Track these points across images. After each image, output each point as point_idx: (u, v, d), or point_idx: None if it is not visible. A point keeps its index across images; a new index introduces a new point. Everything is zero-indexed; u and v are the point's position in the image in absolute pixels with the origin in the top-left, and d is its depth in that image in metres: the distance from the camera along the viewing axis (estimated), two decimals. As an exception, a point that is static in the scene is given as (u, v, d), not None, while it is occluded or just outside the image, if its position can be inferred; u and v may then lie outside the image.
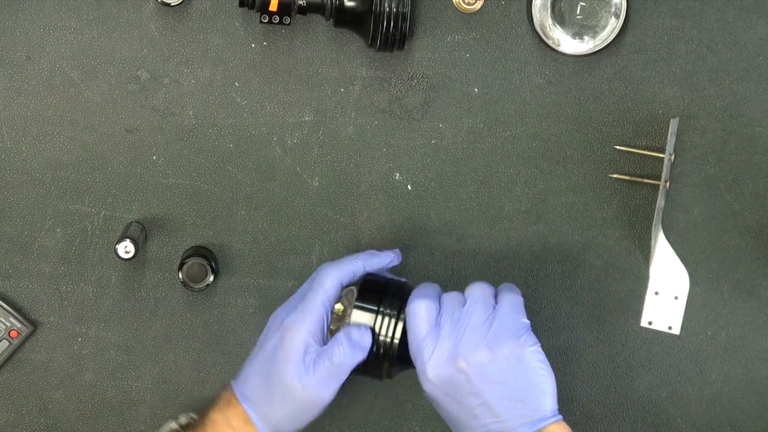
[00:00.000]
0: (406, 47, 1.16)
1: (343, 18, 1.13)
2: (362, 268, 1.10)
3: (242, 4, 1.12)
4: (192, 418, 1.16)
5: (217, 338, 1.22)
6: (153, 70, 1.18)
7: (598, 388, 1.23)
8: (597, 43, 1.17)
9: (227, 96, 1.18)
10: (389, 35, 1.12)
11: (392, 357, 1.08)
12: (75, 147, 1.19)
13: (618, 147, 1.20)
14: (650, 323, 1.21)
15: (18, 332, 1.20)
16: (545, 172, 1.20)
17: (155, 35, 1.17)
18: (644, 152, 1.19)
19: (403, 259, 1.19)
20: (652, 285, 1.21)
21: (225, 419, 1.09)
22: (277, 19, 1.12)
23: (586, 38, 1.17)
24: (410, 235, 1.21)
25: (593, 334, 1.22)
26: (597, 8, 1.17)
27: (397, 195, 1.20)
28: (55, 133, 1.18)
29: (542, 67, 1.19)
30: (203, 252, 1.19)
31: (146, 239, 1.20)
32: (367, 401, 1.23)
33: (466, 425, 1.06)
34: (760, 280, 1.21)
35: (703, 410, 1.23)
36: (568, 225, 1.21)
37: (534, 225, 1.21)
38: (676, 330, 1.21)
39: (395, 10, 1.11)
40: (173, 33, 1.17)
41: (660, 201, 1.18)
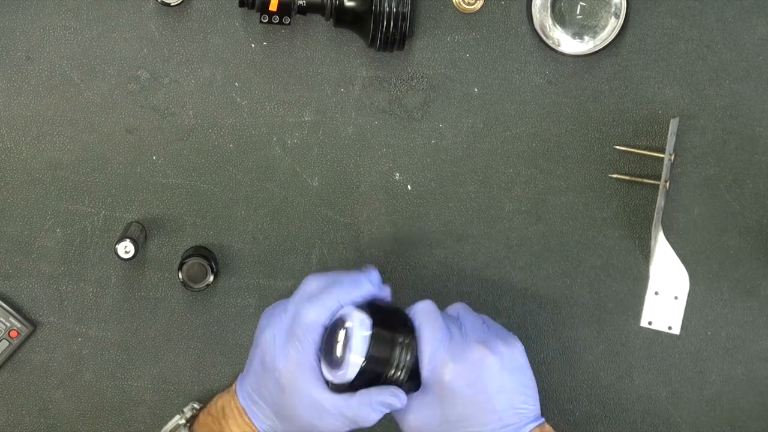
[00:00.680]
0: (406, 47, 1.16)
1: (343, 18, 1.13)
2: (339, 306, 1.06)
3: (242, 4, 1.12)
4: (195, 409, 1.18)
5: (217, 338, 1.22)
6: (153, 70, 1.18)
7: (598, 388, 1.23)
8: (597, 43, 1.17)
9: (227, 96, 1.18)
10: (389, 35, 1.12)
11: (401, 385, 1.07)
12: (75, 147, 1.19)
13: (618, 147, 1.20)
14: (650, 323, 1.21)
15: (18, 332, 1.20)
16: (545, 172, 1.20)
17: (155, 35, 1.17)
18: (644, 152, 1.19)
19: (404, 259, 1.19)
20: (652, 285, 1.21)
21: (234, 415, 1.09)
22: (277, 19, 1.12)
23: (586, 38, 1.17)
24: (410, 235, 1.21)
25: (593, 334, 1.22)
26: (597, 8, 1.17)
27: (397, 195, 1.20)
28: (55, 133, 1.18)
29: (542, 67, 1.19)
30: (203, 252, 1.19)
31: (146, 239, 1.20)
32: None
33: (480, 422, 1.06)
34: (760, 280, 1.21)
35: (703, 410, 1.23)
36: (568, 225, 1.21)
37: (534, 225, 1.21)
38: (676, 330, 1.21)
39: (395, 10, 1.11)
40: (173, 33, 1.17)
41: (660, 201, 1.18)
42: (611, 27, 1.17)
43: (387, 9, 1.11)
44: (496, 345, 1.05)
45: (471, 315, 1.09)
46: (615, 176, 1.20)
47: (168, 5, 1.16)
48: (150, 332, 1.22)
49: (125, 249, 1.14)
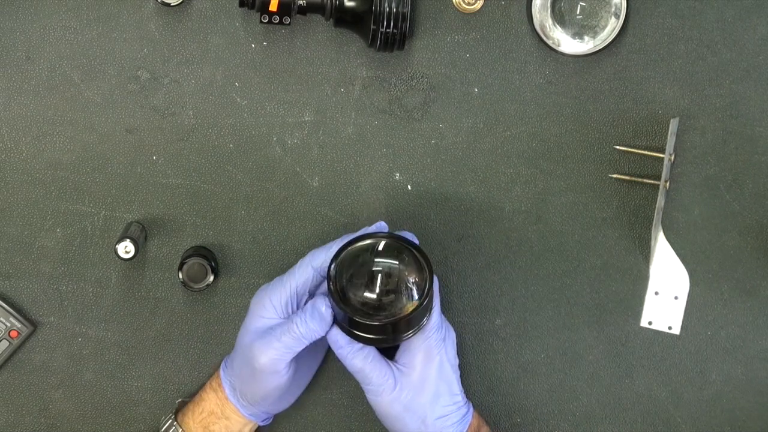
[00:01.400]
0: (406, 47, 1.16)
1: (343, 18, 1.13)
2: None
3: (242, 4, 1.12)
4: (183, 403, 1.20)
5: (217, 338, 1.22)
6: (153, 70, 1.18)
7: (598, 388, 1.23)
8: (597, 43, 1.17)
9: (227, 96, 1.18)
10: (389, 35, 1.12)
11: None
12: (75, 147, 1.19)
13: (618, 147, 1.20)
14: (650, 323, 1.21)
15: (18, 332, 1.20)
16: (545, 172, 1.20)
17: (155, 35, 1.17)
18: (644, 152, 1.19)
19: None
20: (652, 285, 1.21)
21: (209, 381, 1.16)
22: (277, 19, 1.12)
23: (586, 38, 1.17)
24: (410, 235, 1.21)
25: (593, 334, 1.22)
26: (597, 8, 1.17)
27: (397, 195, 1.20)
28: (55, 133, 1.18)
29: (542, 67, 1.19)
30: (203, 252, 1.19)
31: (146, 239, 1.20)
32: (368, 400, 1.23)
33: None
34: (760, 280, 1.21)
35: (703, 410, 1.23)
36: (568, 225, 1.21)
37: (534, 225, 1.21)
38: (676, 330, 1.21)
39: (395, 10, 1.11)
40: (173, 33, 1.17)
41: (660, 201, 1.19)
42: (611, 27, 1.17)
43: (387, 9, 1.11)
44: (435, 351, 1.10)
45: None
46: (615, 176, 1.20)
47: (168, 5, 1.16)
48: (150, 332, 1.22)
49: (125, 249, 1.14)
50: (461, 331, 1.19)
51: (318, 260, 1.09)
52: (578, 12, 1.17)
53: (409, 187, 1.20)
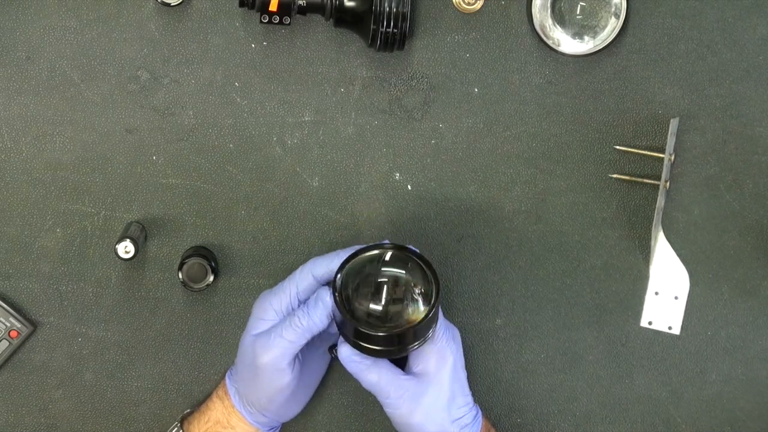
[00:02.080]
0: (406, 47, 1.16)
1: (343, 18, 1.13)
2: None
3: (242, 4, 1.12)
4: (189, 413, 1.19)
5: (217, 338, 1.22)
6: (153, 70, 1.18)
7: (598, 388, 1.23)
8: (597, 43, 1.17)
9: (227, 96, 1.18)
10: (389, 35, 1.12)
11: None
12: (75, 147, 1.19)
13: (618, 147, 1.20)
14: (650, 323, 1.21)
15: (18, 332, 1.20)
16: (545, 172, 1.20)
17: (155, 35, 1.17)
18: (644, 152, 1.19)
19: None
20: (652, 285, 1.21)
21: (215, 390, 1.15)
22: (277, 19, 1.12)
23: (586, 38, 1.17)
24: (410, 236, 1.21)
25: (593, 334, 1.22)
26: (597, 8, 1.17)
27: (397, 195, 1.20)
28: (55, 133, 1.18)
29: (542, 67, 1.19)
30: (203, 252, 1.19)
31: (146, 239, 1.20)
32: (368, 400, 1.23)
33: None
34: (760, 280, 1.21)
35: (703, 410, 1.23)
36: (568, 225, 1.21)
37: (534, 225, 1.21)
38: (676, 330, 1.21)
39: (395, 10, 1.11)
40: (173, 33, 1.17)
41: (660, 201, 1.19)
42: (611, 27, 1.17)
43: (387, 9, 1.11)
44: (447, 356, 1.09)
45: None
46: (615, 176, 1.20)
47: (168, 5, 1.16)
48: (150, 332, 1.22)
49: (125, 249, 1.14)
50: (461, 331, 1.18)
51: (319, 269, 1.08)
52: (578, 12, 1.17)
53: (409, 187, 1.20)
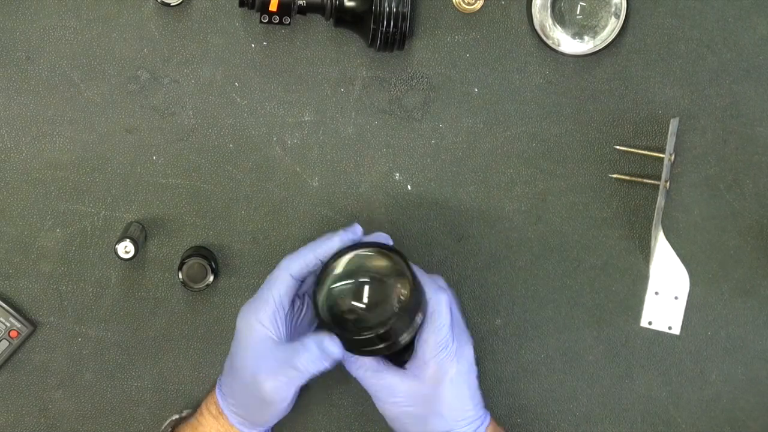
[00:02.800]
0: (406, 47, 1.16)
1: (343, 18, 1.13)
2: (315, 259, 1.08)
3: (242, 4, 1.12)
4: (190, 414, 1.18)
5: (217, 338, 1.22)
6: (153, 70, 1.18)
7: (598, 388, 1.23)
8: (597, 43, 1.17)
9: (227, 96, 1.18)
10: (389, 35, 1.12)
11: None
12: (75, 147, 1.19)
13: (618, 147, 1.20)
14: (650, 323, 1.21)
15: (18, 332, 1.20)
16: (545, 172, 1.20)
17: (155, 35, 1.17)
18: (644, 152, 1.19)
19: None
20: (652, 285, 1.21)
21: (206, 406, 1.13)
22: (277, 19, 1.12)
23: (586, 38, 1.17)
24: (410, 235, 1.21)
25: (593, 334, 1.22)
26: (597, 8, 1.17)
27: (397, 195, 1.20)
28: (55, 133, 1.18)
29: (542, 67, 1.19)
30: (203, 252, 1.19)
31: (146, 239, 1.20)
32: (368, 400, 1.23)
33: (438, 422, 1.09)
34: (760, 280, 1.21)
35: (703, 410, 1.23)
36: (568, 225, 1.21)
37: (534, 225, 1.21)
38: (676, 330, 1.21)
39: (395, 10, 1.11)
40: (173, 33, 1.17)
41: (660, 201, 1.19)
42: (611, 27, 1.17)
43: (387, 9, 1.11)
44: (448, 366, 1.08)
45: (438, 314, 1.08)
46: (615, 176, 1.20)
47: (168, 5, 1.16)
48: (150, 332, 1.22)
49: (125, 249, 1.14)
50: (461, 331, 1.19)
51: (296, 268, 1.08)
52: (578, 12, 1.17)
53: (409, 187, 1.20)
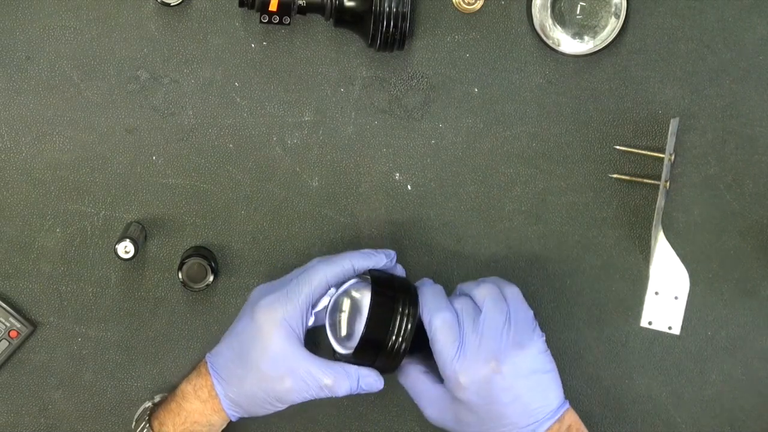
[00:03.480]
0: (406, 47, 1.16)
1: (343, 18, 1.13)
2: (352, 271, 1.10)
3: (242, 4, 1.12)
4: (164, 397, 1.17)
5: (217, 338, 1.21)
6: (153, 70, 1.18)
7: (598, 388, 1.23)
8: (597, 43, 1.17)
9: (227, 96, 1.18)
10: (389, 35, 1.12)
11: (404, 355, 1.07)
12: (75, 147, 1.19)
13: (618, 147, 1.20)
14: (650, 323, 1.21)
15: (18, 332, 1.20)
16: (545, 172, 1.20)
17: (155, 35, 1.17)
18: (644, 152, 1.19)
19: (403, 259, 1.19)
20: (652, 285, 1.21)
21: (193, 390, 1.12)
22: (277, 19, 1.12)
23: (586, 38, 1.17)
24: (410, 235, 1.21)
25: (593, 334, 1.22)
26: (597, 8, 1.17)
27: (397, 195, 1.20)
28: (55, 133, 1.18)
29: (542, 67, 1.19)
30: (203, 252, 1.19)
31: (146, 239, 1.20)
32: (368, 400, 1.23)
33: (495, 428, 1.07)
34: (760, 280, 1.21)
35: (703, 410, 1.23)
36: (568, 225, 1.21)
37: (534, 225, 1.21)
38: (676, 330, 1.21)
39: (395, 10, 1.11)
40: (173, 33, 1.17)
41: (660, 201, 1.19)
42: (611, 27, 1.17)
43: (387, 9, 1.11)
44: (508, 354, 1.06)
45: (493, 310, 1.08)
46: (615, 176, 1.20)
47: (168, 5, 1.16)
48: (150, 332, 1.22)
49: (125, 249, 1.14)
50: (461, 331, 1.18)
51: (332, 274, 1.09)
52: (578, 12, 1.17)
53: (409, 187, 1.20)
